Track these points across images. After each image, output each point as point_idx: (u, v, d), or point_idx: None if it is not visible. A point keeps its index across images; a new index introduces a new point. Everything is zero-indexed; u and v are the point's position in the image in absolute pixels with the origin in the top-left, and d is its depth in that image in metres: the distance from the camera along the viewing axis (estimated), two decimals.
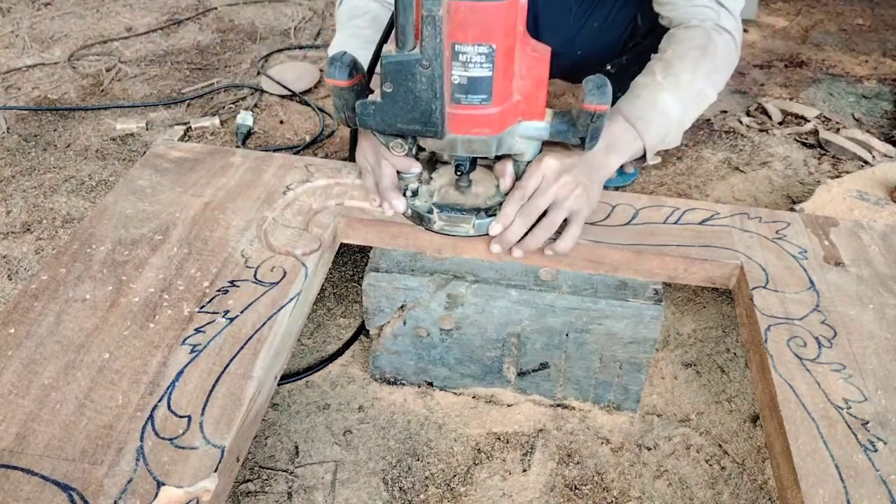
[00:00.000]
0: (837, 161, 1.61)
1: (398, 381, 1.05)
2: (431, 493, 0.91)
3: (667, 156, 1.61)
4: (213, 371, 0.72)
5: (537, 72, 0.80)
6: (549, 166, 0.88)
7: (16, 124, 1.70)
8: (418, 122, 0.80)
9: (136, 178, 1.02)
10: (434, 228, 0.92)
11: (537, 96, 0.82)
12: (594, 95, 0.79)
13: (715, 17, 1.04)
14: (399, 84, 0.77)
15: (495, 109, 0.79)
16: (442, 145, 0.84)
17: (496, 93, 0.78)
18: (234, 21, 2.32)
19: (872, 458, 0.68)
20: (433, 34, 0.73)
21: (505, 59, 0.76)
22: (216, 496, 0.63)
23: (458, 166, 0.91)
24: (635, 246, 0.92)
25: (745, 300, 0.88)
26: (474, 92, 0.78)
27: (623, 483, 0.93)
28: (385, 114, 0.80)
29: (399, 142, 0.86)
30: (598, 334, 0.93)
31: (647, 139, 0.97)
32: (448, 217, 0.91)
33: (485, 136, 0.81)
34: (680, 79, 0.99)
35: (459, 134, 0.81)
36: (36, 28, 2.22)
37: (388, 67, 0.76)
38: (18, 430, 0.66)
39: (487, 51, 0.75)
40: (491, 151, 0.84)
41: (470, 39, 0.74)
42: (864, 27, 2.36)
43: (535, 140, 0.87)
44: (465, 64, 0.75)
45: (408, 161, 0.92)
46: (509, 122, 0.83)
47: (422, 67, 0.75)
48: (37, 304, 0.80)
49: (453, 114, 0.80)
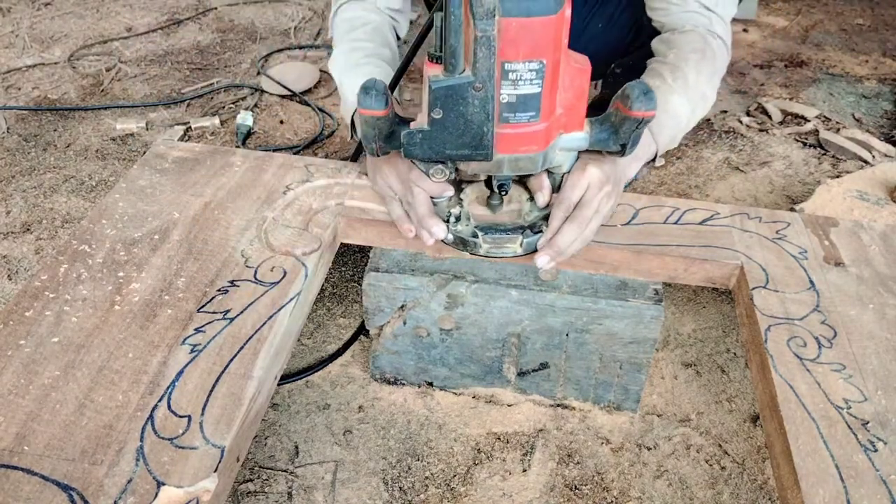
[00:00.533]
0: (837, 161, 1.61)
1: (398, 381, 1.05)
2: (431, 493, 0.91)
3: (667, 156, 1.61)
4: (213, 371, 0.72)
5: (579, 83, 0.79)
6: (594, 176, 0.87)
7: (16, 124, 1.70)
8: (468, 147, 0.77)
9: (136, 178, 1.02)
10: (480, 253, 0.89)
11: (578, 108, 0.81)
12: (642, 102, 0.77)
13: (707, 23, 1.05)
14: (449, 109, 0.74)
15: (542, 125, 0.77)
16: (488, 167, 0.81)
17: (544, 108, 0.76)
18: (234, 21, 2.32)
19: (872, 458, 0.68)
20: (487, 55, 0.70)
21: (552, 74, 0.75)
22: (216, 496, 0.63)
23: (501, 186, 0.87)
24: (635, 246, 0.92)
25: (745, 300, 0.88)
26: (523, 110, 0.76)
27: (623, 483, 0.93)
28: (433, 141, 0.77)
29: (441, 167, 0.83)
30: (598, 334, 0.93)
31: (661, 141, 0.98)
32: (493, 239, 0.88)
33: (532, 153, 0.79)
34: (688, 81, 0.99)
35: (506, 153, 0.79)
36: (36, 28, 2.22)
37: (438, 93, 0.73)
38: (18, 430, 0.66)
39: (538, 67, 0.73)
40: (537, 168, 0.81)
41: (521, 57, 0.72)
42: (864, 27, 2.36)
43: (574, 151, 0.86)
44: (514, 82, 0.73)
45: (442, 185, 0.88)
46: (553, 137, 0.81)
47: (474, 90, 0.72)
48: (37, 304, 0.80)
49: (501, 134, 0.77)
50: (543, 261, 0.87)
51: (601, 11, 1.28)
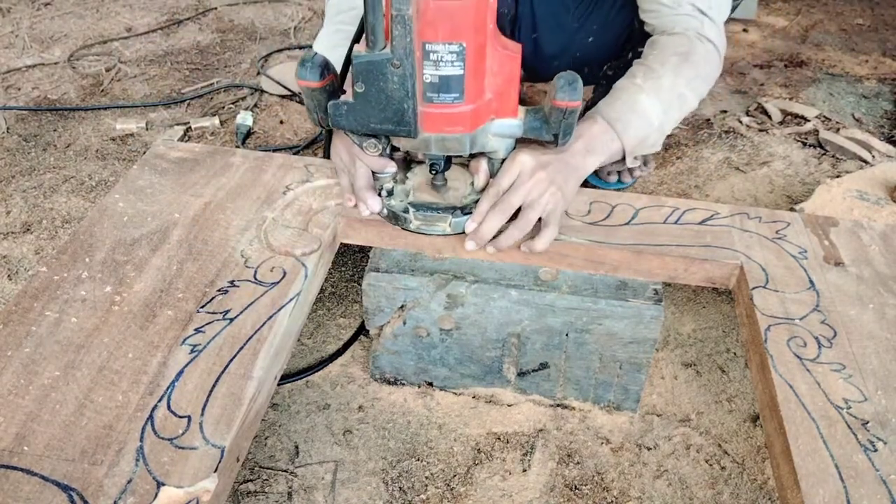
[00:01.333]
0: (837, 161, 1.61)
1: (398, 381, 1.05)
2: (431, 493, 0.91)
3: (667, 155, 1.61)
4: (213, 371, 0.72)
5: (509, 69, 0.80)
6: (524, 163, 0.89)
7: (16, 124, 1.70)
8: (391, 122, 0.80)
9: (135, 178, 1.02)
10: (410, 228, 0.92)
11: (510, 93, 0.82)
12: (565, 92, 0.80)
13: (698, 27, 1.04)
14: (371, 84, 0.77)
15: (468, 107, 0.79)
16: (416, 144, 0.84)
17: (468, 91, 0.78)
18: (234, 21, 2.32)
19: (872, 458, 0.68)
20: (403, 33, 0.72)
21: (476, 57, 0.76)
22: (216, 496, 0.63)
23: (433, 165, 0.90)
24: (635, 246, 0.92)
25: (745, 300, 0.88)
26: (446, 91, 0.78)
27: (623, 483, 0.93)
28: (358, 114, 0.80)
29: (373, 142, 0.86)
30: (598, 334, 0.93)
31: (626, 141, 0.97)
32: (424, 216, 0.91)
33: (458, 134, 0.81)
34: (661, 83, 0.99)
35: (433, 133, 0.81)
36: (36, 28, 2.22)
37: (359, 67, 0.76)
38: (18, 430, 0.66)
39: (458, 49, 0.74)
40: (465, 150, 0.84)
41: (440, 38, 0.74)
42: (864, 27, 2.36)
43: (509, 138, 0.87)
44: (436, 63, 0.75)
45: (382, 161, 0.91)
46: (482, 120, 0.83)
47: (393, 67, 0.75)
48: (37, 304, 0.80)
49: (426, 112, 0.79)
50: (470, 245, 0.90)
51: (595, 13, 1.27)
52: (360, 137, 0.86)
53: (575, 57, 1.30)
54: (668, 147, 1.65)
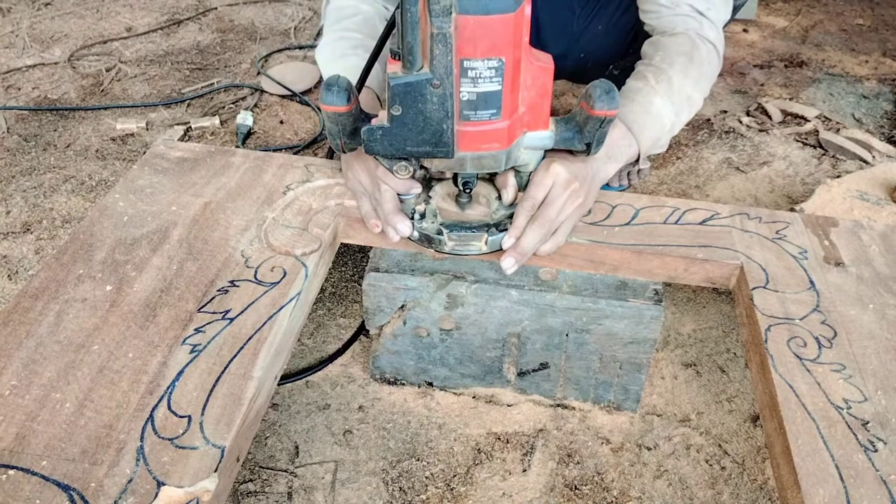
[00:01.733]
0: (837, 161, 1.61)
1: (398, 381, 1.05)
2: (431, 493, 0.91)
3: (667, 155, 1.61)
4: (213, 371, 0.72)
5: (542, 81, 0.79)
6: (559, 174, 0.87)
7: (16, 124, 1.70)
8: (429, 144, 0.77)
9: (135, 178, 1.02)
10: (445, 250, 0.89)
11: (542, 106, 0.81)
12: (604, 101, 0.78)
13: (697, 27, 1.04)
14: (409, 106, 0.74)
15: (504, 123, 0.78)
16: (451, 164, 0.81)
17: (505, 106, 0.76)
18: (234, 21, 2.32)
19: (872, 458, 0.68)
20: (444, 52, 0.70)
21: (513, 72, 0.75)
22: (216, 496, 0.63)
23: (466, 184, 0.88)
24: (635, 246, 0.92)
25: (745, 300, 0.88)
26: (484, 108, 0.76)
27: (623, 483, 0.93)
28: (393, 138, 0.77)
29: (404, 164, 0.82)
30: (598, 334, 0.93)
31: (643, 143, 0.98)
32: (458, 236, 0.88)
33: (494, 151, 0.80)
34: (672, 83, 0.99)
35: (469, 151, 0.79)
36: (36, 28, 2.22)
37: (396, 90, 0.73)
38: (18, 430, 0.66)
39: (497, 65, 0.73)
40: (501, 166, 0.82)
41: (479, 54, 0.72)
42: (864, 27, 2.36)
43: (539, 150, 0.86)
44: (474, 80, 0.74)
45: (409, 183, 0.89)
46: (516, 135, 0.81)
47: (432, 87, 0.72)
48: (37, 304, 0.80)
49: (462, 131, 0.77)
50: (509, 263, 0.86)
51: (601, 14, 1.27)
52: (389, 161, 0.82)
53: (580, 57, 1.30)
54: (668, 147, 1.65)
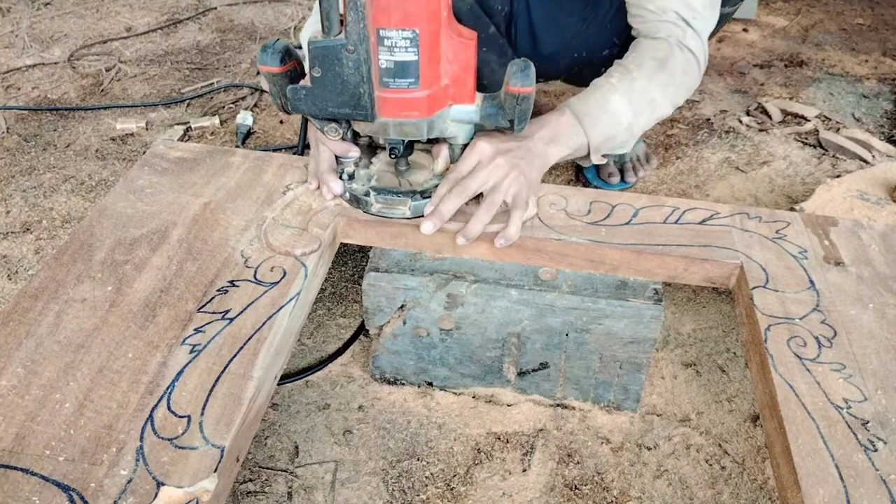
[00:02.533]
0: (837, 161, 1.61)
1: (398, 381, 1.05)
2: (431, 493, 0.91)
3: (667, 155, 1.61)
4: (213, 371, 0.72)
5: (464, 56, 0.83)
6: (483, 150, 0.90)
7: (16, 124, 1.70)
8: (348, 106, 0.82)
9: (135, 178, 1.02)
10: (371, 211, 0.94)
11: (465, 80, 0.85)
12: (517, 78, 0.82)
13: (680, 35, 1.04)
14: (327, 69, 0.79)
15: (423, 93, 0.81)
16: (374, 129, 0.86)
17: (423, 77, 0.80)
18: (233, 21, 2.32)
19: (872, 458, 0.68)
20: (356, 19, 0.75)
21: (430, 44, 0.78)
22: (216, 496, 0.63)
23: (392, 150, 0.92)
24: (635, 246, 0.92)
25: (745, 300, 0.88)
26: (402, 76, 0.80)
27: (623, 483, 0.93)
28: (316, 98, 0.83)
29: (334, 126, 0.89)
30: (597, 334, 0.93)
31: (592, 136, 0.99)
32: (385, 200, 0.93)
33: (415, 119, 0.84)
34: (634, 85, 1.00)
35: (390, 117, 0.84)
36: (36, 28, 2.22)
37: (314, 52, 0.78)
38: (18, 430, 0.66)
39: (412, 35, 0.77)
40: (423, 134, 0.86)
41: (394, 24, 0.76)
42: (864, 27, 2.36)
43: (467, 123, 0.89)
44: (390, 48, 0.78)
45: (345, 145, 0.93)
46: (439, 106, 0.85)
47: (347, 52, 0.77)
48: (37, 304, 0.80)
49: (383, 97, 0.82)
50: (427, 227, 0.90)
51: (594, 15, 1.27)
52: (321, 122, 0.89)
53: (574, 57, 1.30)
54: (668, 147, 1.65)
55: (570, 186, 1.04)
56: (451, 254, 0.95)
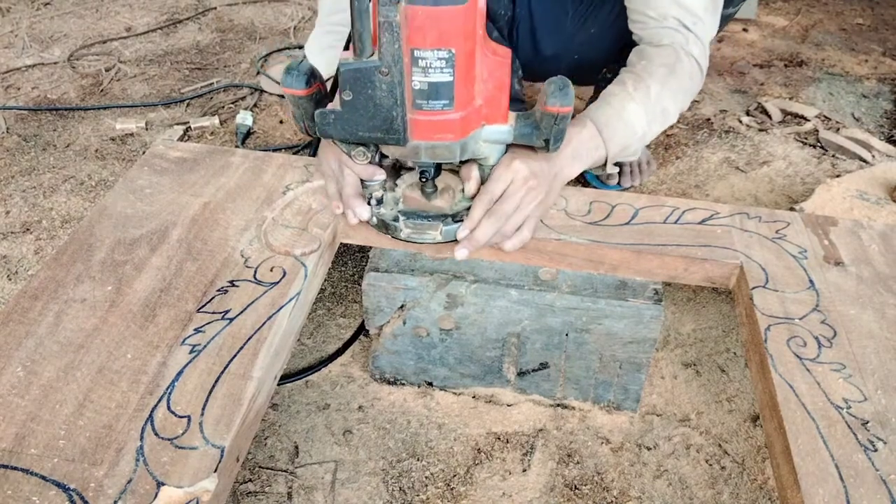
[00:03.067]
0: (837, 161, 1.61)
1: (398, 381, 1.05)
2: (431, 493, 0.91)
3: (667, 155, 1.61)
4: (213, 371, 0.72)
5: (499, 75, 0.80)
6: (518, 171, 0.87)
7: (15, 124, 1.70)
8: (380, 130, 0.78)
9: (135, 178, 1.02)
10: (401, 237, 0.91)
11: (500, 99, 0.82)
12: (556, 98, 0.79)
13: (682, 42, 1.04)
14: (358, 92, 0.76)
15: (457, 114, 0.78)
16: (405, 152, 0.82)
17: (458, 97, 0.77)
18: (233, 21, 2.32)
19: (872, 458, 0.68)
20: (391, 40, 0.71)
21: (465, 64, 0.75)
22: (216, 496, 0.63)
23: (423, 173, 0.88)
24: (635, 246, 0.92)
25: (745, 300, 0.88)
26: (436, 98, 0.77)
27: (623, 483, 0.93)
28: (345, 122, 0.79)
29: (361, 150, 0.84)
30: (597, 334, 0.93)
31: (611, 147, 0.98)
32: (414, 224, 0.90)
33: (448, 141, 0.80)
34: (650, 93, 0.99)
35: (422, 140, 0.80)
36: (35, 28, 2.22)
37: (346, 75, 0.75)
38: (18, 430, 0.66)
39: (447, 56, 0.74)
40: (455, 157, 0.83)
41: (429, 45, 0.73)
42: (864, 27, 2.36)
43: (500, 144, 0.86)
44: (424, 69, 0.74)
45: (371, 169, 0.90)
46: (472, 127, 0.82)
47: (381, 74, 0.74)
48: (37, 304, 0.80)
49: (415, 120, 0.78)
50: (461, 253, 0.88)
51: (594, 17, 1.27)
52: (348, 146, 0.85)
53: (574, 59, 1.30)
54: (668, 147, 1.65)
55: (570, 186, 1.04)
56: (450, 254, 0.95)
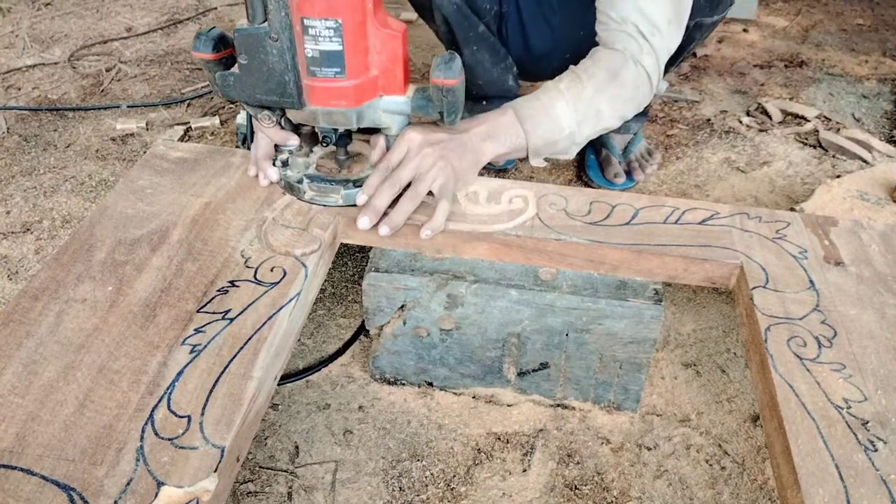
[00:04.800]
0: (837, 161, 1.61)
1: (398, 381, 1.05)
2: (431, 493, 0.91)
3: (667, 155, 1.61)
4: (213, 371, 0.72)
5: (392, 47, 0.84)
6: (412, 139, 0.92)
7: (16, 124, 1.70)
8: (275, 94, 0.83)
9: (135, 179, 1.02)
10: (304, 198, 0.96)
11: (395, 71, 0.86)
12: (441, 70, 0.83)
13: (636, 50, 1.03)
14: (252, 56, 0.81)
15: (350, 82, 0.83)
16: (304, 117, 0.88)
17: (350, 66, 0.82)
18: (233, 21, 2.31)
19: (872, 458, 0.68)
20: (277, 8, 0.77)
21: (354, 34, 0.80)
22: (216, 496, 0.63)
23: (325, 138, 0.93)
24: (635, 246, 0.92)
25: (745, 300, 0.88)
26: (327, 65, 0.82)
27: (623, 483, 0.93)
28: (244, 85, 0.84)
29: (267, 113, 0.91)
30: (598, 334, 0.93)
31: (532, 140, 1.00)
32: (318, 187, 0.94)
33: (343, 108, 0.85)
34: (583, 94, 1.00)
35: (319, 106, 0.85)
36: (36, 28, 2.22)
37: (239, 40, 0.80)
38: (18, 430, 0.66)
39: (335, 25, 0.78)
40: (352, 124, 0.88)
41: (317, 14, 0.78)
42: (864, 27, 2.36)
43: (399, 115, 0.91)
44: (315, 38, 0.79)
45: (284, 134, 0.95)
46: (368, 96, 0.87)
47: (271, 40, 0.79)
48: (37, 304, 0.80)
49: (311, 86, 0.84)
50: (363, 222, 0.91)
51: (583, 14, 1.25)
52: (254, 109, 0.90)
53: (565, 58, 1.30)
54: (668, 147, 1.65)
55: (570, 186, 1.04)
56: (451, 254, 0.95)
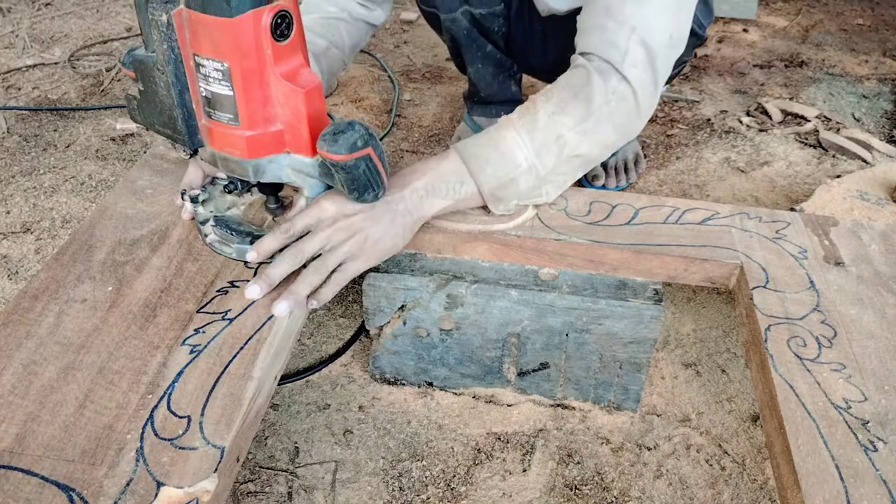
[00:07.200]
0: (837, 161, 1.61)
1: (398, 381, 1.05)
2: (431, 493, 0.91)
3: (667, 155, 1.61)
4: (213, 371, 0.72)
5: (294, 104, 0.74)
6: (325, 210, 0.81)
7: (16, 124, 1.70)
8: (168, 128, 0.76)
9: (135, 179, 1.02)
10: (206, 241, 0.88)
11: (299, 129, 0.75)
12: (325, 141, 0.72)
13: (618, 60, 0.86)
14: (147, 84, 0.74)
15: (245, 133, 0.74)
16: (207, 158, 0.79)
17: (243, 115, 0.73)
18: None
19: (872, 458, 0.68)
20: (160, 39, 0.70)
21: (245, 81, 0.71)
22: (216, 496, 0.63)
23: (226, 186, 0.86)
24: (635, 246, 0.92)
25: (745, 300, 0.88)
26: (220, 109, 0.74)
27: (623, 483, 0.93)
28: (144, 112, 0.77)
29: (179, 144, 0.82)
30: (598, 334, 0.93)
31: (482, 182, 0.87)
32: (220, 234, 0.86)
33: (238, 157, 0.77)
34: (537, 120, 0.87)
35: (217, 150, 0.77)
36: (36, 28, 2.22)
37: (134, 65, 0.73)
38: (18, 430, 0.66)
39: (222, 68, 0.71)
40: (248, 176, 0.78)
41: (204, 53, 0.71)
42: (864, 27, 2.36)
43: (310, 177, 0.80)
44: (206, 77, 0.72)
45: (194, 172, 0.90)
46: (269, 151, 0.77)
47: (158, 71, 0.72)
48: (37, 304, 0.80)
49: (209, 127, 0.76)
50: (251, 291, 0.79)
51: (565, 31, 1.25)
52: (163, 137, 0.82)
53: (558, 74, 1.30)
54: (668, 147, 1.65)
55: (570, 187, 1.04)
56: (450, 254, 0.95)
